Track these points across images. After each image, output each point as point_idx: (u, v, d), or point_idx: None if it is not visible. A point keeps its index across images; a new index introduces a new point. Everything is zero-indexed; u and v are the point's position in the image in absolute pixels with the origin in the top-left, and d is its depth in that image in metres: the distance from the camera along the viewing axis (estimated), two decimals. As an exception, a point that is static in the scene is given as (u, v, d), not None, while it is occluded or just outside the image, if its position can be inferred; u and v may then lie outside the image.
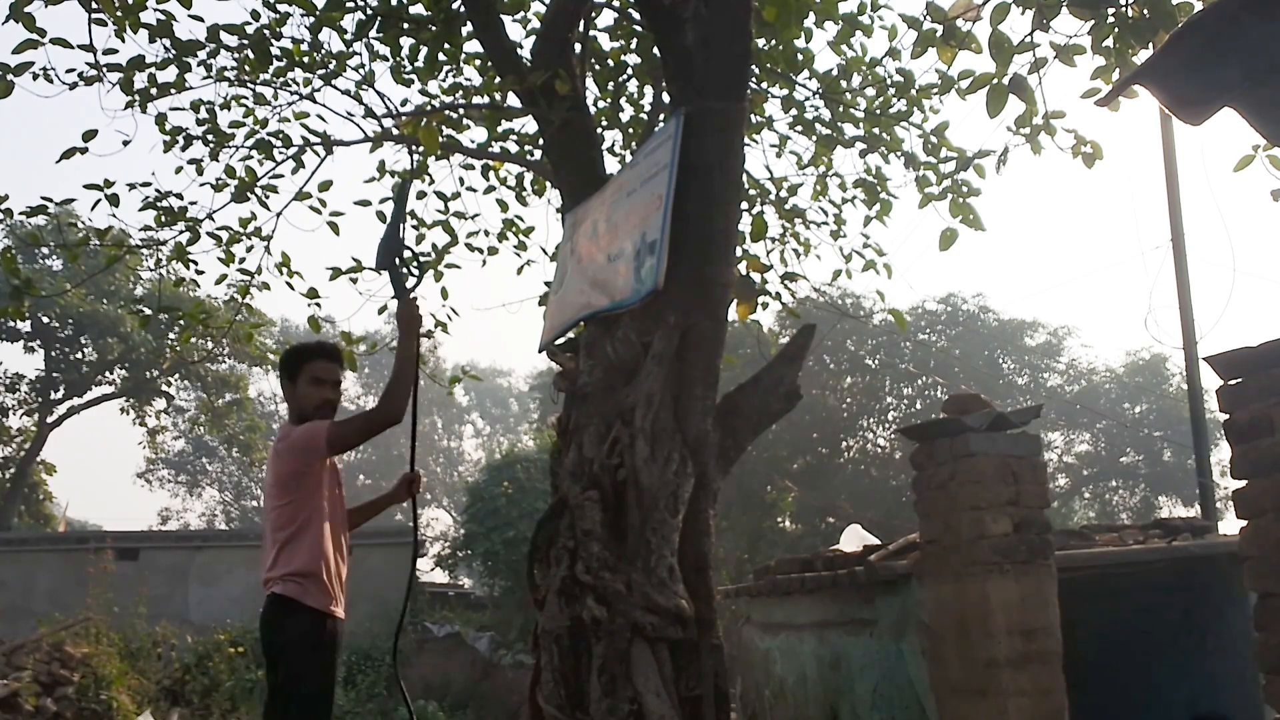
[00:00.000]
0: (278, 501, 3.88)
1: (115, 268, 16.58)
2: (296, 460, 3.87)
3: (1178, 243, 9.64)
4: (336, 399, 4.08)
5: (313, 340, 4.40)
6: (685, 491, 3.95)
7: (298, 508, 3.85)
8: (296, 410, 3.99)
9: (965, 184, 6.03)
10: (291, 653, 3.76)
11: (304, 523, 3.84)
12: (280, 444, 3.95)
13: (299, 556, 3.80)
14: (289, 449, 3.90)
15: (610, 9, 6.17)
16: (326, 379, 4.02)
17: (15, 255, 6.24)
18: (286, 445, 3.92)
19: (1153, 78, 2.49)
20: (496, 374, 46.16)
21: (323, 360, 4.05)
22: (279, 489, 3.88)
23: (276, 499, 3.88)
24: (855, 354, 19.91)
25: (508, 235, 7.25)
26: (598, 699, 3.73)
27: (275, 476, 3.92)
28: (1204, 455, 9.65)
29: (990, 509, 4.09)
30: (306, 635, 3.77)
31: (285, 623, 3.77)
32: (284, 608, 3.77)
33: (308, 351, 4.08)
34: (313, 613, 3.79)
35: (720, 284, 4.19)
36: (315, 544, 3.84)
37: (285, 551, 3.83)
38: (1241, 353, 2.96)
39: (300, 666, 3.75)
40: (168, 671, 12.30)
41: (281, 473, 3.89)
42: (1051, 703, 4.01)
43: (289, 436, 3.92)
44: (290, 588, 3.77)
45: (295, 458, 3.87)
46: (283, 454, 3.92)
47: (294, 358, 4.06)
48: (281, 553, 3.83)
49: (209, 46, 5.76)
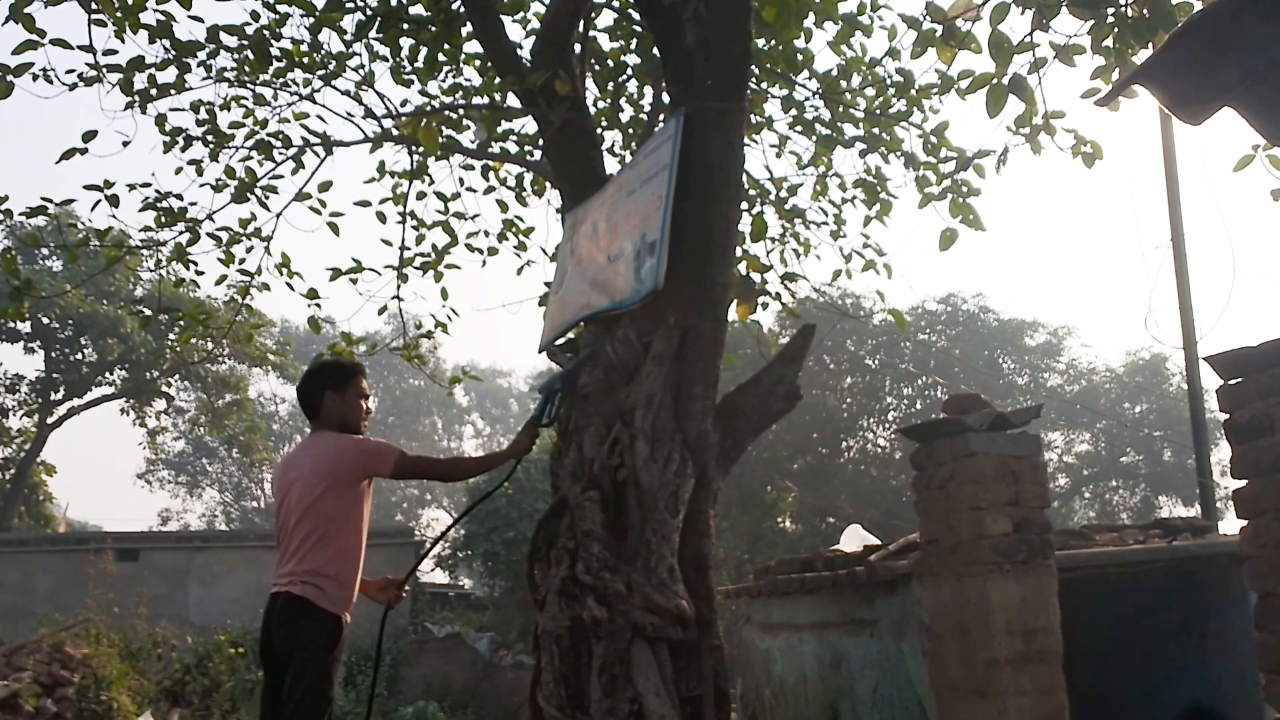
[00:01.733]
0: (323, 491, 3.85)
1: (115, 268, 16.59)
2: (365, 462, 3.97)
3: (1178, 243, 9.65)
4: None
5: (341, 356, 4.78)
6: (685, 491, 3.94)
7: (345, 506, 3.90)
8: (339, 419, 4.09)
9: (965, 184, 6.04)
10: (306, 655, 3.74)
11: (343, 522, 3.89)
12: (343, 442, 3.99)
13: (330, 556, 3.82)
14: (358, 450, 3.98)
15: (610, 9, 6.16)
16: (367, 395, 4.26)
17: (15, 256, 6.24)
18: (354, 445, 3.99)
19: (1153, 78, 2.49)
20: (496, 374, 46.17)
21: (364, 379, 4.27)
22: (331, 481, 3.87)
23: (324, 489, 3.85)
24: (855, 354, 19.91)
25: (508, 235, 7.25)
26: (598, 699, 3.73)
27: (332, 467, 3.91)
28: (1204, 455, 9.66)
29: (990, 509, 4.09)
30: (326, 639, 3.79)
31: (302, 625, 3.76)
32: (300, 609, 3.76)
33: (357, 368, 4.28)
34: (331, 618, 3.81)
35: (720, 284, 4.19)
36: (352, 546, 3.90)
37: (317, 547, 3.81)
38: (1241, 353, 2.96)
39: (314, 670, 3.74)
40: (168, 672, 12.30)
41: (341, 468, 3.92)
42: (1051, 703, 4.01)
43: (351, 440, 4.01)
44: (310, 590, 3.76)
45: (363, 459, 3.97)
46: (348, 451, 3.97)
47: (346, 371, 4.23)
48: (313, 548, 3.81)
49: (209, 47, 5.75)
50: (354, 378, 4.19)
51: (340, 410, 4.11)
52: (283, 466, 4.22)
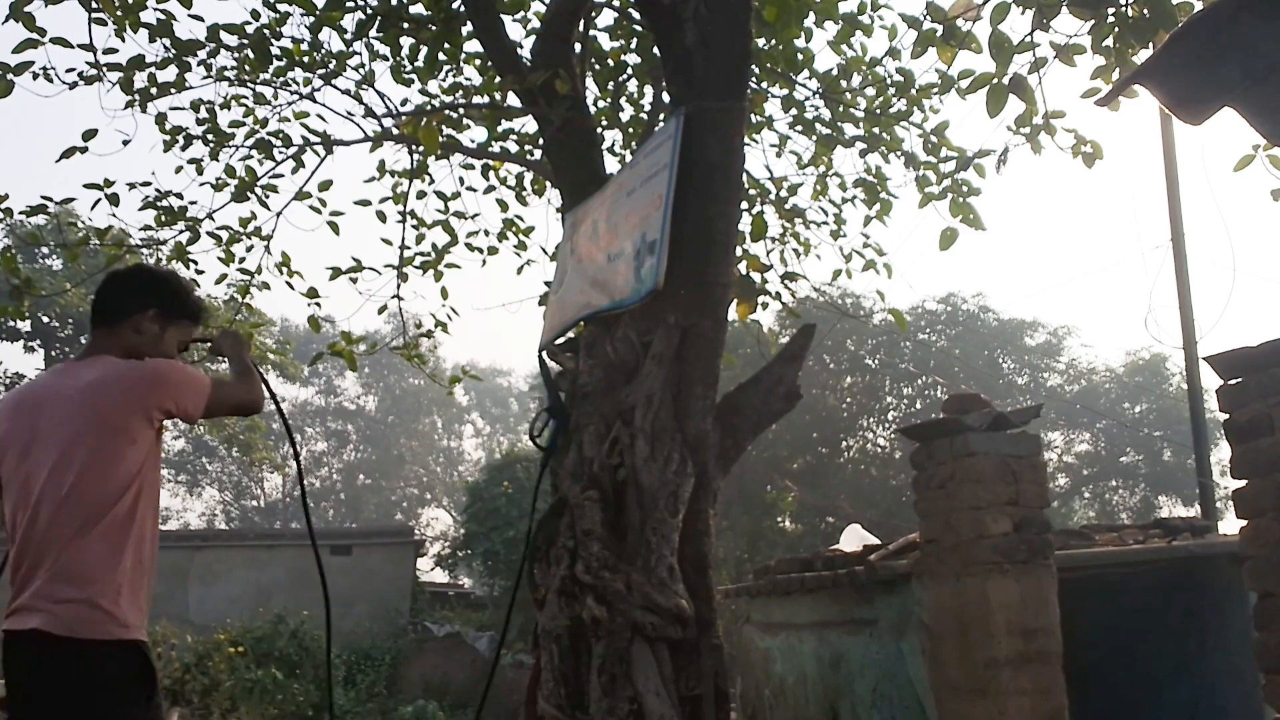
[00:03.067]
0: (100, 443, 2.52)
1: (115, 267, 16.54)
2: (155, 399, 2.61)
3: (1178, 243, 9.63)
4: None
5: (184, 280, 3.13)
6: (685, 491, 3.94)
7: (135, 466, 2.56)
8: (133, 351, 2.76)
9: (965, 184, 6.04)
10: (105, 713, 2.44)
11: (132, 503, 2.55)
12: (136, 368, 2.64)
13: (117, 556, 2.50)
14: (142, 382, 2.61)
15: (610, 9, 6.17)
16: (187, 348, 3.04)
17: (15, 255, 6.24)
18: (136, 374, 2.62)
19: (1153, 78, 2.49)
20: (496, 374, 46.14)
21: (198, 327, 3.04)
22: (114, 427, 2.54)
23: (102, 440, 2.52)
24: (855, 354, 19.91)
25: (508, 235, 7.25)
26: (598, 699, 3.73)
27: (119, 405, 2.56)
28: (1204, 455, 9.64)
29: (990, 509, 4.09)
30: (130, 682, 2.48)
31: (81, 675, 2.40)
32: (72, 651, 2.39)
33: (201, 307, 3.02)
34: (129, 649, 2.50)
35: (720, 284, 4.19)
36: (148, 539, 2.61)
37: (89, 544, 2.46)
38: (1241, 353, 2.96)
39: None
40: (168, 671, 12.33)
41: (130, 405, 2.57)
42: (1051, 703, 4.01)
43: (134, 366, 2.65)
44: (83, 614, 2.42)
45: (150, 395, 2.61)
46: (144, 379, 2.62)
47: (187, 304, 2.93)
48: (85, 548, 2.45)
49: (209, 46, 5.76)
50: (194, 317, 2.95)
51: (147, 345, 2.79)
52: (10, 408, 2.68)
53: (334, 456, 41.82)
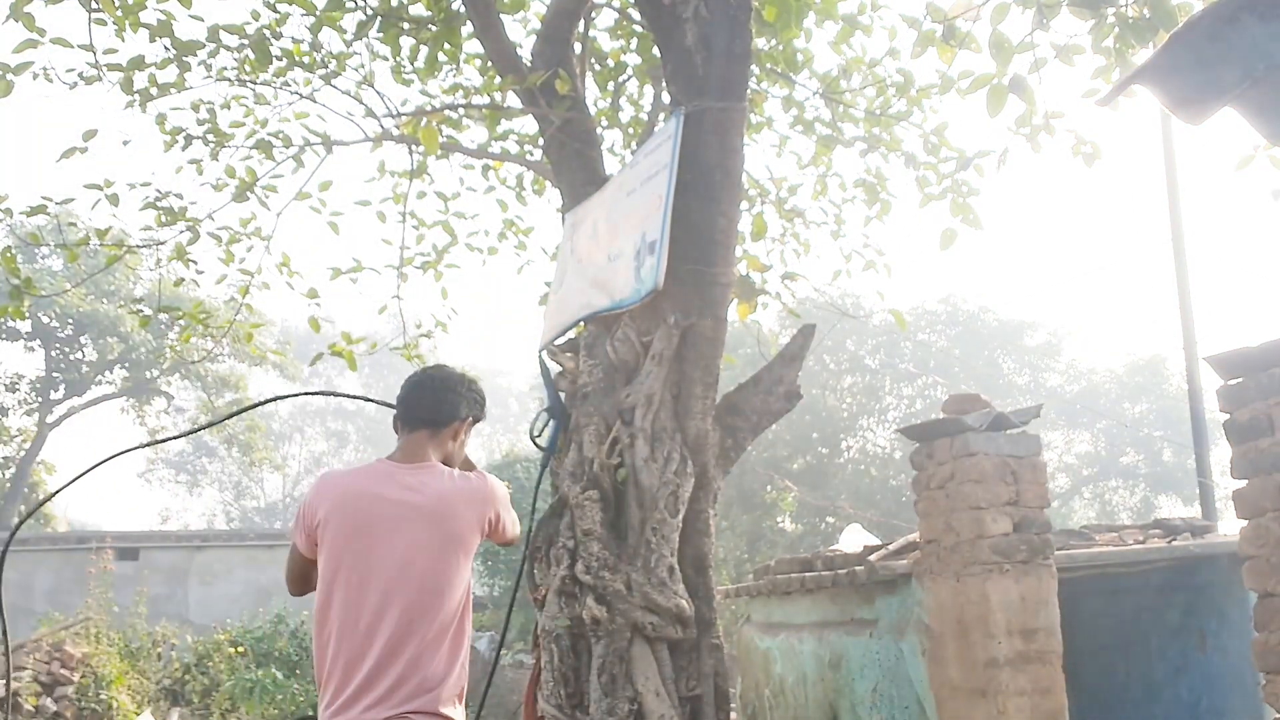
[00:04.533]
0: (460, 562, 2.69)
1: (115, 268, 16.57)
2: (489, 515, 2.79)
3: (1178, 243, 9.64)
4: None
5: None
6: (685, 491, 3.95)
7: (463, 586, 2.72)
8: (448, 457, 2.90)
9: (965, 184, 6.04)
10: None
11: (464, 612, 2.73)
12: (478, 485, 2.78)
13: (453, 664, 2.67)
14: (481, 498, 2.76)
15: (610, 9, 6.17)
16: None
17: (15, 255, 6.24)
18: (478, 491, 2.77)
19: (1153, 78, 2.49)
20: (496, 374, 46.16)
21: None
22: (468, 548, 2.72)
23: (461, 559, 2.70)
24: (855, 354, 19.92)
25: (508, 235, 7.26)
26: (598, 699, 3.73)
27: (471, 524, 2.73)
28: (1204, 455, 9.65)
29: (990, 509, 4.09)
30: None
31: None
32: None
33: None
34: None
35: (720, 284, 4.19)
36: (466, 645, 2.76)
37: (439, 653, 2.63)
38: (1241, 353, 2.96)
39: None
40: (168, 671, 12.32)
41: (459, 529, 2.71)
42: (1051, 703, 4.01)
43: (487, 482, 2.81)
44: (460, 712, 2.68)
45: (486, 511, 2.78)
46: (485, 499, 2.77)
47: (484, 409, 3.05)
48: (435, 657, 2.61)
49: (209, 46, 5.76)
50: (481, 419, 3.05)
51: (457, 450, 2.94)
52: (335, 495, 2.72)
53: (334, 457, 41.84)
